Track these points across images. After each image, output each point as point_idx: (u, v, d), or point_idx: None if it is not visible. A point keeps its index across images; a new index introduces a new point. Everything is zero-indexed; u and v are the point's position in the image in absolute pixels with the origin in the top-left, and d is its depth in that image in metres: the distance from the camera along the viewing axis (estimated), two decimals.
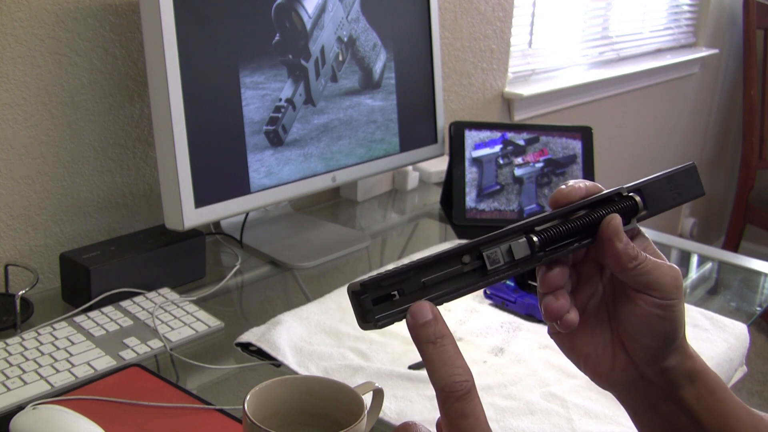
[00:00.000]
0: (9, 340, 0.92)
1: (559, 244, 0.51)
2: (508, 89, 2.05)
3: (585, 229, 0.51)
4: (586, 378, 0.96)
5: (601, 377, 0.55)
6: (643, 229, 0.55)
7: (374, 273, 0.45)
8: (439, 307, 0.46)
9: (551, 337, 0.56)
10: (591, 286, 0.55)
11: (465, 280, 0.47)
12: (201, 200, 1.05)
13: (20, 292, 0.99)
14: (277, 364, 0.93)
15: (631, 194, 0.53)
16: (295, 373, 0.90)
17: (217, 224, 1.31)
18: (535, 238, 0.49)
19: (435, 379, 0.43)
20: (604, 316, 0.55)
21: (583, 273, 0.55)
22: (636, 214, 0.53)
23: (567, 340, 0.56)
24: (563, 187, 0.52)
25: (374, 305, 0.44)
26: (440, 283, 0.46)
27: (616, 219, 0.51)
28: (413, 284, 0.45)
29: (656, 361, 0.52)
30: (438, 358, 0.43)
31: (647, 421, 0.55)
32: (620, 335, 0.54)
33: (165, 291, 1.07)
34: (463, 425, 0.42)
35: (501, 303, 1.09)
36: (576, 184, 0.52)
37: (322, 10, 1.20)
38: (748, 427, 0.53)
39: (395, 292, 0.45)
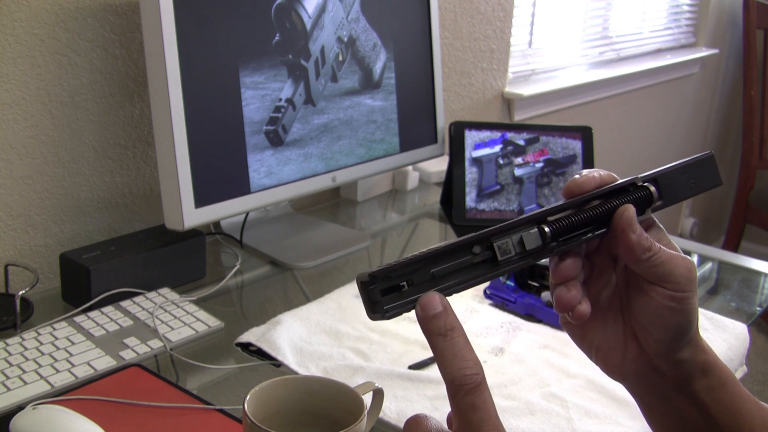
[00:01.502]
0: (9, 340, 0.92)
1: (572, 234, 0.50)
2: (508, 89, 2.05)
3: (598, 219, 0.51)
4: (586, 378, 0.96)
5: (612, 368, 0.55)
6: None
7: (384, 264, 0.45)
8: None
9: (563, 327, 0.56)
10: (604, 276, 0.55)
11: (475, 271, 0.47)
12: (201, 200, 1.05)
13: (20, 292, 0.99)
14: (277, 364, 0.93)
15: (645, 184, 0.52)
16: (295, 373, 0.90)
17: (217, 224, 1.31)
18: (546, 229, 0.49)
19: (445, 372, 0.43)
20: (616, 307, 0.55)
21: (596, 264, 0.55)
22: (651, 204, 0.52)
23: (579, 330, 0.56)
24: (577, 176, 0.51)
25: (383, 296, 0.44)
26: (450, 274, 0.46)
27: (630, 210, 0.50)
28: (423, 275, 0.45)
29: (669, 353, 0.52)
30: (448, 351, 0.43)
31: (657, 413, 0.55)
32: (633, 327, 0.53)
33: (165, 291, 1.07)
34: (473, 418, 0.42)
35: (501, 303, 1.09)
36: (590, 173, 0.52)
37: (322, 10, 1.20)
38: (758, 420, 0.53)
39: (404, 283, 0.45)
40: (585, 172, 0.52)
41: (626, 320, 0.54)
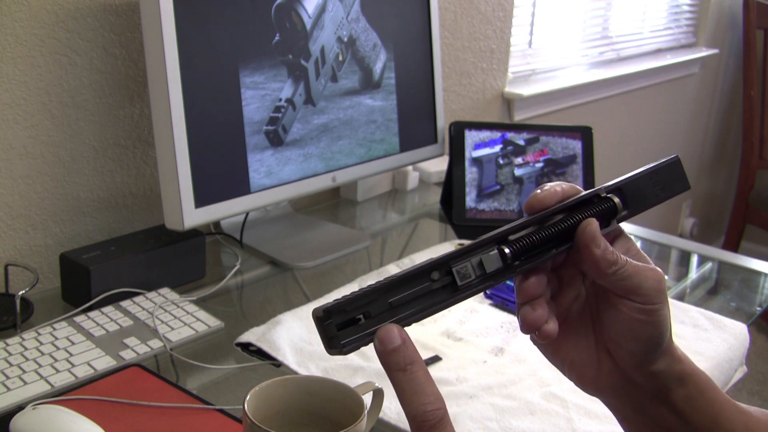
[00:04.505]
0: (9, 340, 0.92)
1: (535, 252, 0.48)
2: (508, 89, 2.05)
3: (561, 235, 0.49)
4: None
5: (587, 383, 0.54)
6: (643, 230, 0.54)
7: (340, 296, 0.44)
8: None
9: (534, 345, 0.55)
10: (573, 290, 0.54)
11: (435, 298, 0.46)
12: (201, 200, 1.05)
13: (20, 292, 0.99)
14: (277, 364, 0.93)
15: (609, 195, 0.51)
16: (295, 373, 0.90)
17: (217, 224, 1.31)
18: (506, 250, 0.47)
19: (407, 409, 0.43)
20: (587, 320, 0.54)
21: (564, 277, 0.54)
22: (616, 215, 0.51)
23: (550, 346, 0.55)
24: (538, 191, 0.50)
25: (340, 330, 0.43)
26: (409, 303, 0.45)
27: (593, 224, 0.49)
28: (380, 306, 0.44)
29: (643, 365, 0.51)
30: (408, 386, 0.43)
31: (636, 424, 0.54)
32: (604, 340, 0.52)
33: (165, 291, 1.07)
34: None
35: (501, 303, 1.09)
36: (552, 188, 0.50)
37: (322, 10, 1.20)
38: (739, 424, 0.52)
39: (361, 316, 0.44)
40: (546, 186, 0.51)
41: (597, 334, 0.53)
